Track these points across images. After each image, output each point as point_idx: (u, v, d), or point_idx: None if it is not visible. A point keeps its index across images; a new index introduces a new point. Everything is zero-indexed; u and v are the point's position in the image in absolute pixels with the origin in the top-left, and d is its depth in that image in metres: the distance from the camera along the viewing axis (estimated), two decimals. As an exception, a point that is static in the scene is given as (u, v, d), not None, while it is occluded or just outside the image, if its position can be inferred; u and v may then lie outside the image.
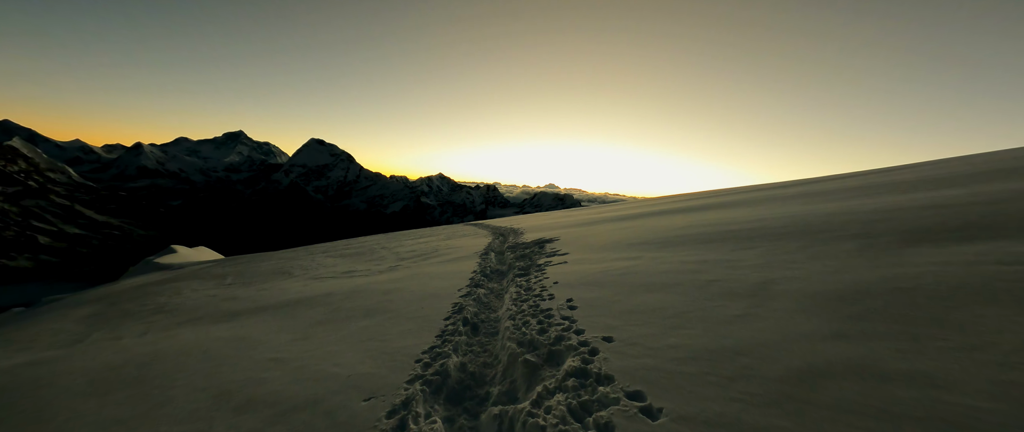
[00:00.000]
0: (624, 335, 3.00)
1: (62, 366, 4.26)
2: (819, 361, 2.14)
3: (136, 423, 2.64)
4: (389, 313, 4.81)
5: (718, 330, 2.76)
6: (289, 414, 2.48)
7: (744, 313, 2.97)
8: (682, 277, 4.25)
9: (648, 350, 2.66)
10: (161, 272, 14.79)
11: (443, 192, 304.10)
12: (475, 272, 6.93)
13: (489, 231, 15.92)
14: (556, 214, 23.47)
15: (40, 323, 7.50)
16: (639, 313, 3.40)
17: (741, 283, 3.68)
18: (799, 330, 2.54)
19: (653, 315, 3.29)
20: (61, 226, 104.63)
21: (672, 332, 2.88)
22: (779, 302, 3.07)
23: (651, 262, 5.30)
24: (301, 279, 9.29)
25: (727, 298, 3.36)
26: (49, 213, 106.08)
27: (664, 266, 4.93)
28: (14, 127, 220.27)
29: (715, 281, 3.90)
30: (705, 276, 4.14)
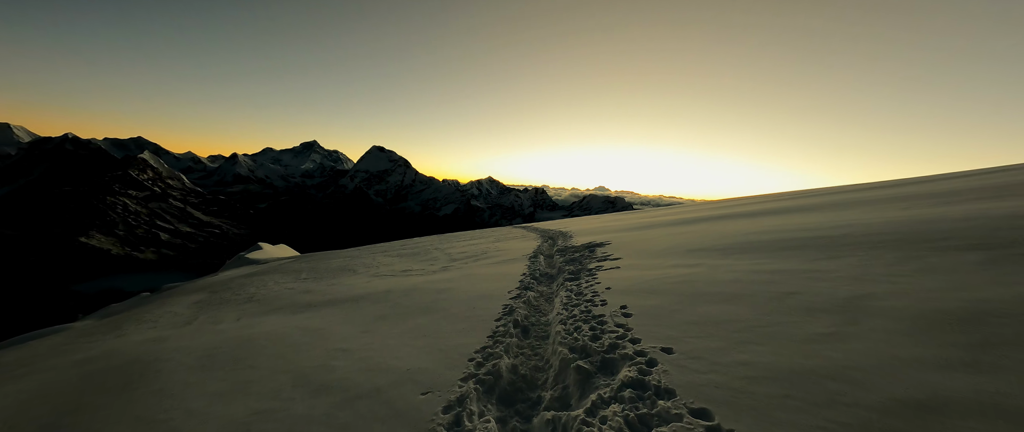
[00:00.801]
0: (685, 347, 2.80)
1: (177, 343, 5.03)
2: (931, 393, 1.82)
3: (232, 397, 3.04)
4: (443, 312, 5.00)
5: (799, 349, 2.47)
6: (355, 401, 2.68)
7: (832, 331, 2.62)
8: (752, 288, 3.87)
9: (714, 365, 2.46)
10: (250, 266, 16.88)
11: (492, 195, 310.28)
12: (524, 275, 6.96)
13: (537, 234, 15.90)
14: (606, 217, 22.76)
15: (161, 306, 8.96)
16: (702, 324, 3.16)
17: (827, 297, 3.26)
18: (905, 355, 2.18)
19: (718, 328, 3.03)
20: (177, 225, 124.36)
21: (741, 347, 2.63)
22: (877, 321, 2.66)
23: (714, 270, 4.91)
24: (364, 276, 10.03)
25: (809, 313, 3.00)
26: (168, 214, 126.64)
27: (730, 275, 4.53)
28: (145, 142, 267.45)
29: (793, 293, 3.49)
30: (780, 287, 3.73)
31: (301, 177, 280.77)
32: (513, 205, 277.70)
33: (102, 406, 3.16)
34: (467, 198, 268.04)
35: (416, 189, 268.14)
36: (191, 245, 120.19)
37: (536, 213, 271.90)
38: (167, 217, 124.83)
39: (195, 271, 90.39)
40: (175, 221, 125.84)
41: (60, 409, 3.23)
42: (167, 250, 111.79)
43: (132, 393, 3.36)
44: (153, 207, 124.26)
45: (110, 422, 2.84)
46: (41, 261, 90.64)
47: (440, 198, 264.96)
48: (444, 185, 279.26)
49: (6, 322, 65.45)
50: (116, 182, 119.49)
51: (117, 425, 2.77)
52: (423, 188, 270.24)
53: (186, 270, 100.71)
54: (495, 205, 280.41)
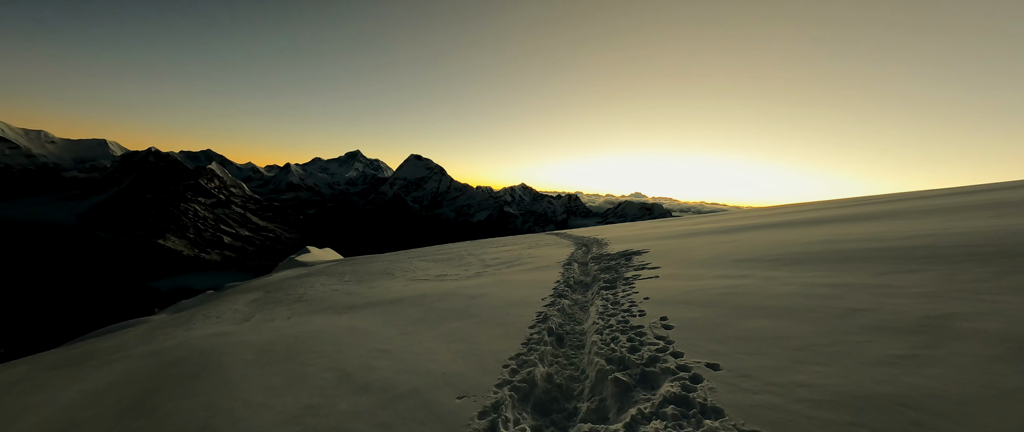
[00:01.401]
0: (734, 364, 2.62)
1: (237, 338, 5.48)
2: (1042, 432, 1.56)
3: (284, 390, 3.25)
4: (477, 317, 5.05)
5: (870, 372, 2.22)
6: (395, 401, 2.77)
7: (909, 354, 2.34)
8: (810, 302, 3.55)
9: (767, 385, 2.27)
10: (300, 268, 18.08)
11: (525, 202, 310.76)
12: (558, 282, 6.87)
13: (571, 241, 15.68)
14: (643, 225, 21.99)
15: (223, 303, 9.80)
16: (753, 340, 2.94)
17: (900, 315, 2.92)
18: (1003, 384, 1.90)
19: (772, 344, 2.81)
20: (238, 229, 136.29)
21: (800, 367, 2.41)
22: (963, 344, 2.34)
23: (765, 282, 4.57)
24: (402, 280, 10.39)
25: (879, 333, 2.70)
26: (231, 219, 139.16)
27: (783, 287, 4.20)
28: (213, 154, 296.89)
29: (859, 310, 3.17)
30: (844, 303, 3.39)
31: (345, 185, 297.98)
32: (546, 212, 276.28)
33: (176, 392, 3.50)
34: (500, 204, 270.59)
35: (451, 196, 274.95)
36: (249, 248, 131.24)
37: (569, 220, 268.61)
38: (230, 222, 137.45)
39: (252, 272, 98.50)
40: (236, 226, 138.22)
41: (140, 393, 3.62)
42: (229, 252, 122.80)
43: (200, 382, 3.70)
44: (218, 213, 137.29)
45: (182, 407, 3.14)
46: (126, 260, 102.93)
47: (474, 204, 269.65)
48: (478, 192, 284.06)
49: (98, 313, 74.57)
50: (188, 190, 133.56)
51: (188, 410, 3.06)
52: (457, 195, 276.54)
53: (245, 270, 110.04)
54: (528, 212, 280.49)
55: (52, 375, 4.67)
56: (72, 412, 3.33)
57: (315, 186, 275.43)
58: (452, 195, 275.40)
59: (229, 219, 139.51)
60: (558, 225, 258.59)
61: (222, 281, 20.87)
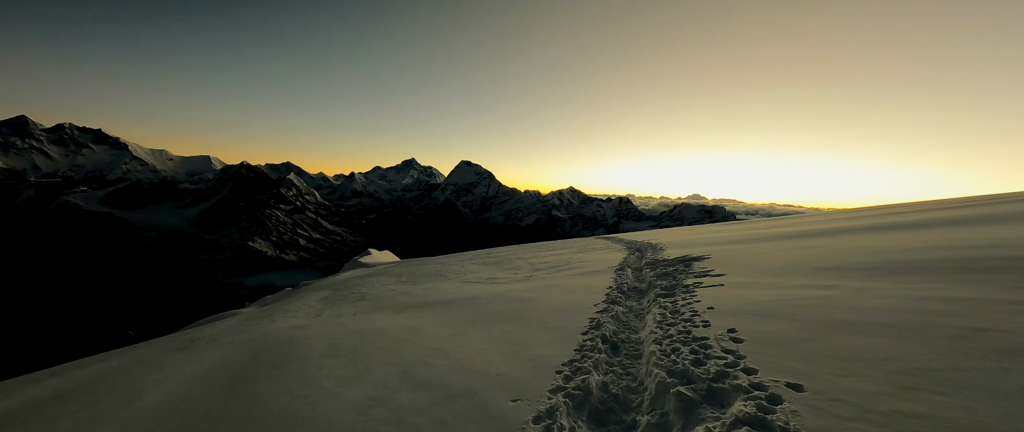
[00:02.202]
0: (821, 385, 2.31)
1: (311, 332, 6.05)
2: None
3: (352, 381, 3.52)
4: (528, 321, 5.05)
5: (1005, 407, 1.83)
6: (452, 399, 2.86)
7: (1063, 387, 1.89)
8: (918, 319, 3.03)
9: (865, 413, 1.97)
10: (362, 269, 19.53)
11: (574, 205, 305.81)
12: (611, 288, 6.63)
13: (623, 245, 15.08)
14: (703, 229, 20.46)
15: (299, 299, 10.89)
16: (843, 360, 2.58)
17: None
18: None
19: (869, 366, 2.44)
20: (311, 233, 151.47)
21: (909, 395, 2.06)
22: None
23: (856, 294, 4.00)
24: (454, 282, 10.75)
25: (1016, 359, 2.22)
26: (306, 224, 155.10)
27: (881, 301, 3.63)
28: (291, 166, 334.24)
29: (986, 330, 2.63)
30: (963, 321, 2.85)
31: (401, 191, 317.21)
32: (595, 215, 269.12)
33: (262, 377, 3.96)
34: (548, 208, 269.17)
35: (499, 200, 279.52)
36: (320, 249, 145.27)
37: (620, 223, 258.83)
38: (305, 226, 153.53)
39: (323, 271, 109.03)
40: (310, 229, 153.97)
41: (236, 375, 4.15)
42: (304, 253, 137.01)
43: (282, 369, 4.14)
44: (295, 218, 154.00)
45: (269, 390, 3.54)
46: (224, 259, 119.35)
47: (522, 209, 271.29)
48: (526, 196, 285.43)
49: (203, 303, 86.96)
50: (272, 198, 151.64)
51: (274, 394, 3.43)
52: (506, 199, 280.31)
53: (316, 270, 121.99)
54: (577, 215, 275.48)
55: (171, 356, 5.53)
56: (187, 387, 3.91)
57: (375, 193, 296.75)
58: (500, 199, 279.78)
59: (304, 223, 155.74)
60: (608, 229, 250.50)
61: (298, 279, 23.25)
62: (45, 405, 3.92)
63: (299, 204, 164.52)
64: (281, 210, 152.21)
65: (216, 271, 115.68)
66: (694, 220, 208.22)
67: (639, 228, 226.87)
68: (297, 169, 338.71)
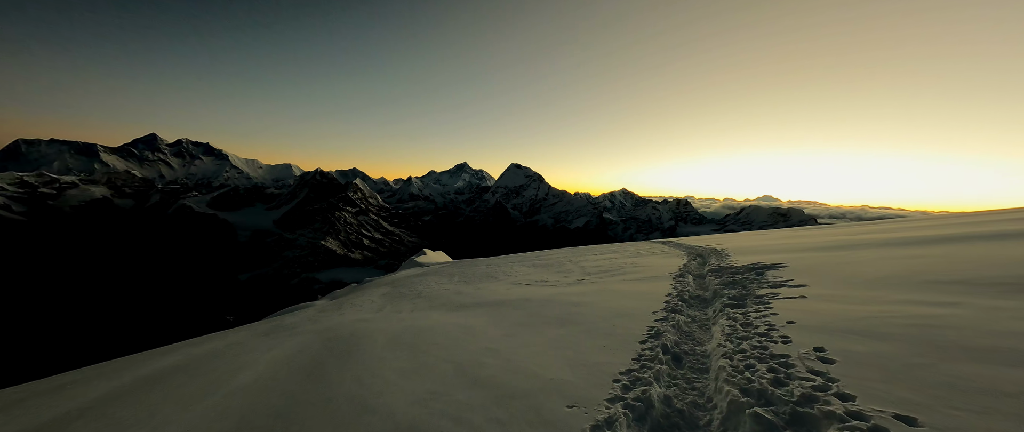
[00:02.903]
0: (942, 422, 1.93)
1: (375, 325, 6.50)
2: None
3: (411, 374, 3.70)
4: (581, 325, 4.92)
5: None
6: (506, 400, 2.88)
7: None
8: (1083, 349, 2.41)
9: (1010, 461, 1.60)
10: (418, 268, 20.58)
11: (626, 207, 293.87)
12: (670, 295, 6.23)
13: (682, 250, 14.12)
14: (776, 233, 18.44)
15: (364, 294, 11.77)
16: (971, 392, 2.13)
17: None
18: None
19: (1009, 402, 1.99)
20: (373, 233, 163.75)
21: (1073, 444, 1.64)
22: None
23: (987, 314, 3.30)
24: (504, 283, 10.87)
25: None
26: (369, 225, 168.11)
27: (1020, 324, 2.96)
28: (357, 171, 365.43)
29: None
30: None
31: (454, 194, 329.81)
32: (650, 218, 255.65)
33: (334, 364, 4.33)
34: (599, 211, 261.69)
35: (548, 203, 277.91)
36: (381, 249, 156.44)
37: (678, 227, 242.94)
38: (368, 227, 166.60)
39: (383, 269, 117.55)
40: (372, 230, 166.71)
41: (312, 361, 4.59)
42: (367, 252, 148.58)
43: (350, 358, 4.49)
44: (360, 220, 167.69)
45: (340, 376, 3.86)
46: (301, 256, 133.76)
47: (571, 211, 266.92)
48: (575, 198, 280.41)
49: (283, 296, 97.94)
50: (340, 201, 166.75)
51: (344, 380, 3.74)
52: (555, 202, 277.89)
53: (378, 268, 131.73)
54: (629, 218, 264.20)
55: (260, 340, 6.28)
56: (274, 369, 4.41)
57: (430, 196, 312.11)
58: (550, 202, 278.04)
59: (367, 225, 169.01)
60: (665, 233, 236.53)
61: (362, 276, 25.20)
62: (168, 376, 4.67)
63: (363, 207, 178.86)
64: (348, 212, 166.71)
65: (295, 266, 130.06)
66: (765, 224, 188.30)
67: (699, 232, 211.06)
68: (362, 174, 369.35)
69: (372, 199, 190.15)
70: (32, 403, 4.21)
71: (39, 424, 3.47)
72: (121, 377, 4.87)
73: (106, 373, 5.33)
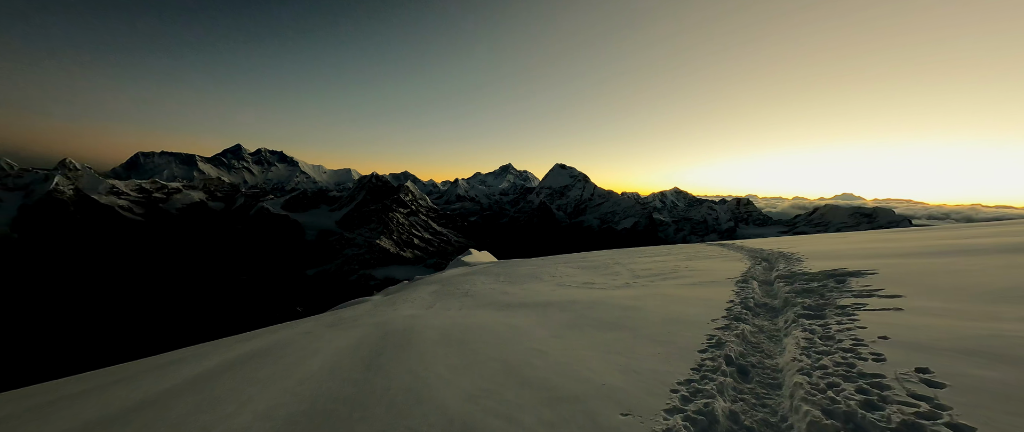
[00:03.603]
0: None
1: (426, 321, 6.79)
2: None
3: (461, 370, 3.80)
4: (632, 331, 4.72)
5: None
6: (557, 403, 2.84)
7: None
8: None
9: None
10: (465, 267, 21.16)
11: (678, 208, 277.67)
12: (732, 302, 5.76)
13: (744, 254, 13.00)
14: (860, 236, 16.25)
15: (415, 291, 12.34)
16: None
17: None
18: None
19: None
20: (423, 233, 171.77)
21: None
22: None
23: None
24: (549, 284, 10.78)
25: None
26: (419, 225, 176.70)
27: None
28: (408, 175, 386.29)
29: None
30: None
31: (499, 195, 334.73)
32: (706, 219, 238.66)
33: (390, 356, 4.59)
34: (648, 211, 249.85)
35: (594, 203, 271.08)
36: (430, 248, 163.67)
37: (737, 228, 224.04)
38: (418, 228, 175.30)
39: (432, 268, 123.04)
40: (422, 230, 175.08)
41: (371, 352, 4.90)
42: (417, 251, 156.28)
43: (405, 351, 4.73)
44: (411, 220, 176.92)
45: (396, 368, 4.08)
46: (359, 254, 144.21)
47: (618, 212, 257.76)
48: (623, 198, 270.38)
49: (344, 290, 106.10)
50: (393, 203, 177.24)
51: (399, 372, 3.94)
52: (601, 202, 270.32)
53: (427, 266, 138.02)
54: (682, 219, 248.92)
55: (326, 331, 6.85)
56: (338, 357, 4.78)
57: (475, 197, 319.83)
58: (595, 202, 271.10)
59: (417, 225, 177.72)
60: (723, 235, 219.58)
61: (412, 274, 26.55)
62: (250, 360, 5.26)
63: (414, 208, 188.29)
64: (400, 213, 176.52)
65: (354, 263, 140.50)
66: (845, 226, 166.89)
67: (764, 234, 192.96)
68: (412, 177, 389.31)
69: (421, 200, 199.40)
70: (145, 378, 4.97)
71: (157, 393, 4.09)
72: (211, 359, 5.59)
73: (199, 355, 6.15)
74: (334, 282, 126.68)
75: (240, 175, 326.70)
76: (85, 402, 4.07)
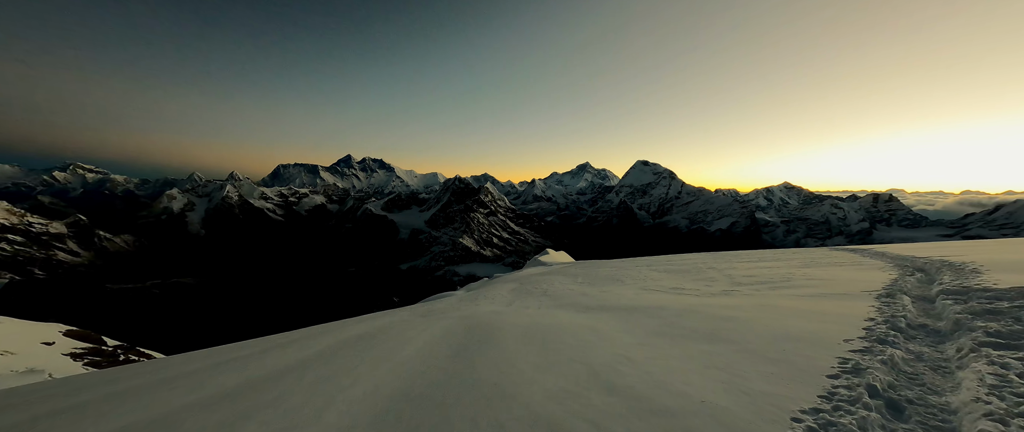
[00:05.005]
0: None
1: (507, 318, 6.97)
2: None
3: (545, 369, 3.80)
4: (735, 344, 4.16)
5: None
6: (649, 415, 2.64)
7: None
8: None
9: None
10: (542, 267, 21.25)
11: (789, 206, 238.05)
12: (873, 320, 4.68)
13: (887, 262, 10.53)
14: (1085, 243, 11.81)
15: (495, 288, 12.80)
16: None
17: None
18: None
19: None
20: (501, 233, 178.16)
21: None
22: None
23: None
24: (632, 287, 10.17)
25: None
26: (497, 225, 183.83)
27: None
28: (488, 177, 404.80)
29: None
30: None
31: (576, 194, 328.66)
32: (828, 219, 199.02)
33: (475, 349, 4.82)
34: (749, 210, 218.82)
35: (682, 201, 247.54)
36: (508, 248, 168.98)
37: (874, 231, 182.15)
38: (497, 227, 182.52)
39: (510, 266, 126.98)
40: (500, 230, 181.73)
41: (458, 343, 5.21)
42: (496, 250, 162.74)
43: (488, 346, 4.92)
44: (490, 220, 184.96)
45: (481, 361, 4.27)
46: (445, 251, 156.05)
47: (711, 211, 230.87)
48: (717, 196, 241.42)
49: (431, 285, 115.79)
50: (474, 204, 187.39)
51: (484, 366, 4.11)
52: (690, 200, 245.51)
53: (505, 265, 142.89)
54: (794, 219, 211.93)
55: (419, 320, 7.52)
56: (430, 346, 5.20)
57: (552, 197, 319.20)
58: (683, 200, 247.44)
59: (496, 225, 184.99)
60: (853, 238, 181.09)
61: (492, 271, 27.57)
62: (357, 342, 6.05)
63: (493, 208, 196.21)
64: (481, 213, 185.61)
65: (440, 260, 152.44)
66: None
67: (915, 238, 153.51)
68: (492, 179, 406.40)
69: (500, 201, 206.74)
70: (289, 348, 6.05)
71: (296, 361, 4.97)
72: (333, 336, 6.56)
73: (324, 332, 7.28)
74: (423, 276, 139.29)
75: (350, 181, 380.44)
76: (249, 364, 5.14)
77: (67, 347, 14.00)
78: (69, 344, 14.38)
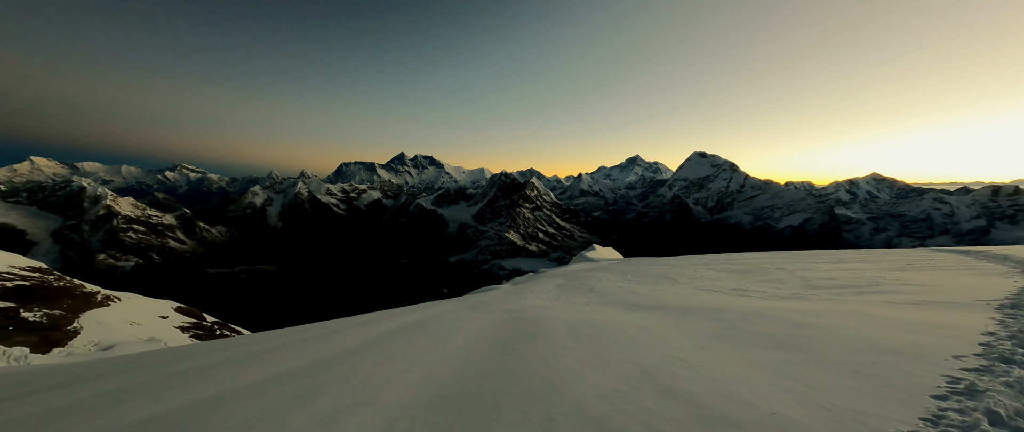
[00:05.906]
0: None
1: (553, 313, 6.94)
2: None
3: (594, 367, 3.73)
4: (811, 354, 3.74)
5: None
6: (709, 423, 2.47)
7: None
8: None
9: None
10: (588, 263, 20.80)
11: (878, 200, 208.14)
12: (994, 335, 3.95)
13: (1014, 266, 8.82)
14: None
15: (541, 283, 12.78)
16: None
17: None
18: None
19: None
20: (547, 228, 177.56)
21: None
22: None
23: None
24: (687, 287, 9.58)
25: None
26: (543, 220, 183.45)
27: None
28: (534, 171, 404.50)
29: None
30: None
31: (625, 189, 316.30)
32: (930, 215, 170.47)
33: (522, 343, 4.86)
34: (828, 205, 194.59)
35: (745, 195, 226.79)
36: (554, 242, 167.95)
37: (993, 229, 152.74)
38: (543, 222, 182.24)
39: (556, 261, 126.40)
40: (546, 225, 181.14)
41: (505, 336, 5.30)
42: (542, 245, 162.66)
43: (535, 340, 4.94)
44: (536, 215, 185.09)
45: (528, 354, 4.30)
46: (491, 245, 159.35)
47: (780, 206, 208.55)
48: (787, 190, 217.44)
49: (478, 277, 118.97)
50: (520, 199, 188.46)
51: (532, 359, 4.14)
52: (755, 194, 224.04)
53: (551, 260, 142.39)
54: (884, 215, 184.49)
55: (467, 311, 7.76)
56: (477, 337, 5.35)
57: (599, 192, 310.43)
58: (746, 194, 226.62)
59: (542, 220, 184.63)
60: (963, 238, 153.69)
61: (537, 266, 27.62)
62: (409, 329, 6.40)
63: (538, 203, 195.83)
64: (526, 208, 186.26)
65: (486, 254, 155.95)
66: None
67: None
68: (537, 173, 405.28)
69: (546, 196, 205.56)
70: (351, 332, 6.58)
71: (358, 345, 5.40)
72: (391, 322, 7.01)
73: (382, 318, 7.81)
74: (469, 269, 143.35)
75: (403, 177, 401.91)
76: (318, 344, 5.67)
77: (177, 321, 16.65)
78: (179, 318, 17.06)
